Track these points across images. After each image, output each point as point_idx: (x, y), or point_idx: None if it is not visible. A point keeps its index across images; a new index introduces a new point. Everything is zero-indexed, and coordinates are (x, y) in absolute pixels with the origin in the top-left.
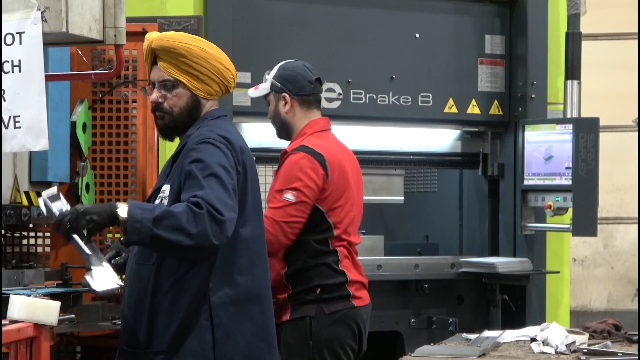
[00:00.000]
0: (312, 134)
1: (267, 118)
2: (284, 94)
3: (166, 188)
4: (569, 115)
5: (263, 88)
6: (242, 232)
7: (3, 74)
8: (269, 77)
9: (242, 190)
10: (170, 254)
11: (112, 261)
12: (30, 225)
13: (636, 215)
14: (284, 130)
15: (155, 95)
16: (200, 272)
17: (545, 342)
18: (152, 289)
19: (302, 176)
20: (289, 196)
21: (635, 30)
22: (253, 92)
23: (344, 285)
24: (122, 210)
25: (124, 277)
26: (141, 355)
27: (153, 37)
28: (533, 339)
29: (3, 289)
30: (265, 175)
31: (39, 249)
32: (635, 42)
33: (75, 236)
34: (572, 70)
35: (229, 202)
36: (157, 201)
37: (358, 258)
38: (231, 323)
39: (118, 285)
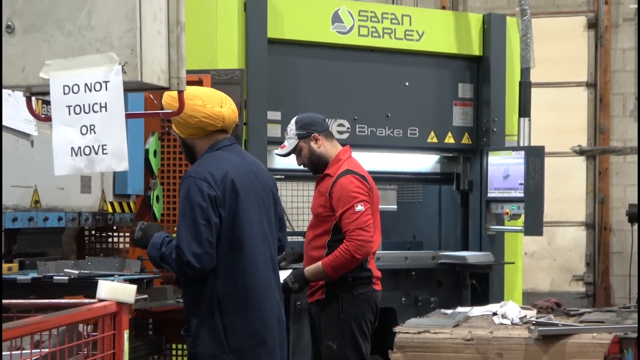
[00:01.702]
0: (346, 159)
1: (299, 164)
2: (313, 134)
3: None
4: (521, 144)
5: (291, 143)
6: (239, 240)
7: (93, 113)
8: (291, 133)
9: (233, 207)
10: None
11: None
12: (114, 228)
13: (573, 220)
14: (321, 164)
15: None
16: (211, 274)
17: (503, 316)
18: (184, 287)
19: (360, 190)
20: (360, 207)
21: (570, 80)
22: (282, 150)
23: (369, 278)
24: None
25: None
26: (185, 337)
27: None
28: (494, 314)
29: (95, 273)
30: (291, 189)
31: (121, 246)
32: (569, 89)
33: None
34: (524, 110)
35: (194, 246)
36: None
37: None
38: (234, 311)
39: None
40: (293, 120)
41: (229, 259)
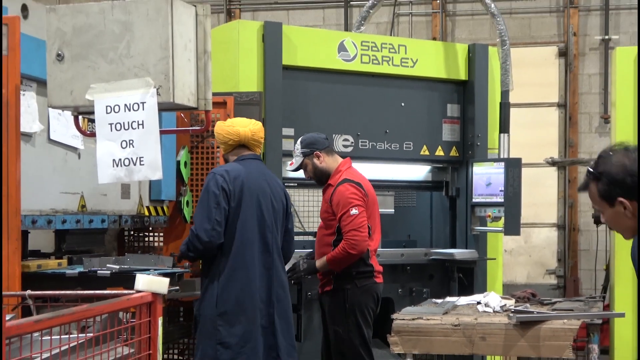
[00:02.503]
0: (345, 170)
1: (307, 178)
2: (315, 152)
3: None
4: (502, 156)
5: (297, 160)
6: (240, 229)
7: (132, 129)
8: (297, 152)
9: (239, 202)
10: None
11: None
12: (150, 228)
13: (546, 222)
14: (324, 177)
15: None
16: (219, 253)
17: (486, 305)
18: (202, 264)
19: (354, 196)
20: (354, 211)
21: (543, 101)
22: (291, 167)
23: (371, 272)
24: None
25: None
26: (194, 302)
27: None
28: (478, 303)
29: (133, 268)
30: (303, 195)
31: (156, 244)
32: (543, 109)
33: None
34: (504, 127)
35: (205, 224)
36: None
37: None
38: (225, 282)
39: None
40: (299, 140)
41: (232, 243)
